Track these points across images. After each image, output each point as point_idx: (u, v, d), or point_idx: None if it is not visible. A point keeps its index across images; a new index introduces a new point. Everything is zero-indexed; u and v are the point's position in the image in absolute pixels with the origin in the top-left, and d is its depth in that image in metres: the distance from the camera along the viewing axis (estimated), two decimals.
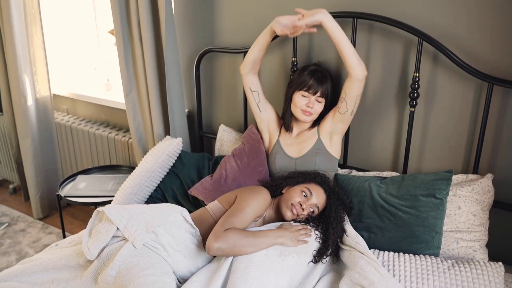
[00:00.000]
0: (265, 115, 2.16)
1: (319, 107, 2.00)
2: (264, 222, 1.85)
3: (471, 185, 1.84)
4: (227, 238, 1.57)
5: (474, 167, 1.90)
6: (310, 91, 1.96)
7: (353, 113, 1.97)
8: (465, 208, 1.82)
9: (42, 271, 1.62)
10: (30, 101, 2.98)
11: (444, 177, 1.82)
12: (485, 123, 1.82)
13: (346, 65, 1.87)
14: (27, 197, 3.36)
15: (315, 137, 2.04)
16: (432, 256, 1.75)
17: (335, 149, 2.04)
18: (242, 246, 1.59)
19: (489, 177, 1.85)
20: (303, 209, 1.77)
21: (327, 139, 2.03)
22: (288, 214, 1.78)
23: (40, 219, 3.20)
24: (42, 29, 2.92)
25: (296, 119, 2.06)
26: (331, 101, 2.03)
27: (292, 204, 1.78)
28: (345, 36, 1.84)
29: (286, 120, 2.09)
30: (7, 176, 3.62)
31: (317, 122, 2.07)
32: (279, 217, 1.85)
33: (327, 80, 1.98)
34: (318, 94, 1.97)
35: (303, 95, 1.98)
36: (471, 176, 1.90)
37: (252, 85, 2.12)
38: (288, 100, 2.06)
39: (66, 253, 1.67)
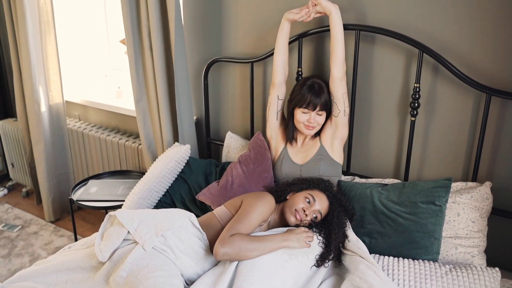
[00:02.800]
0: (279, 124, 2.20)
1: (321, 119, 2.05)
2: (269, 227, 1.90)
3: (470, 193, 1.88)
4: (233, 243, 1.62)
5: (473, 175, 1.95)
6: (310, 107, 2.00)
7: (346, 113, 2.03)
8: (464, 215, 1.86)
9: (56, 272, 1.68)
10: (43, 108, 3.04)
11: (444, 184, 1.86)
12: (483, 132, 1.87)
13: (333, 62, 1.96)
14: (39, 201, 3.43)
15: (318, 145, 2.09)
16: (431, 261, 1.79)
17: (337, 155, 2.09)
18: (248, 250, 1.64)
19: (487, 185, 1.89)
20: (306, 215, 1.81)
21: (328, 145, 2.08)
22: (292, 220, 1.82)
23: (52, 222, 3.26)
24: (56, 38, 2.98)
25: (299, 131, 2.11)
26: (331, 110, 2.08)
27: (295, 210, 1.82)
28: (343, 35, 1.95)
29: (289, 133, 2.14)
30: (20, 180, 3.70)
31: (318, 132, 2.11)
32: (283, 222, 1.89)
33: (323, 92, 2.01)
34: (318, 108, 2.01)
35: (303, 112, 2.02)
36: (470, 183, 1.94)
37: (280, 93, 2.15)
38: (290, 114, 2.10)
39: (79, 255, 1.73)
